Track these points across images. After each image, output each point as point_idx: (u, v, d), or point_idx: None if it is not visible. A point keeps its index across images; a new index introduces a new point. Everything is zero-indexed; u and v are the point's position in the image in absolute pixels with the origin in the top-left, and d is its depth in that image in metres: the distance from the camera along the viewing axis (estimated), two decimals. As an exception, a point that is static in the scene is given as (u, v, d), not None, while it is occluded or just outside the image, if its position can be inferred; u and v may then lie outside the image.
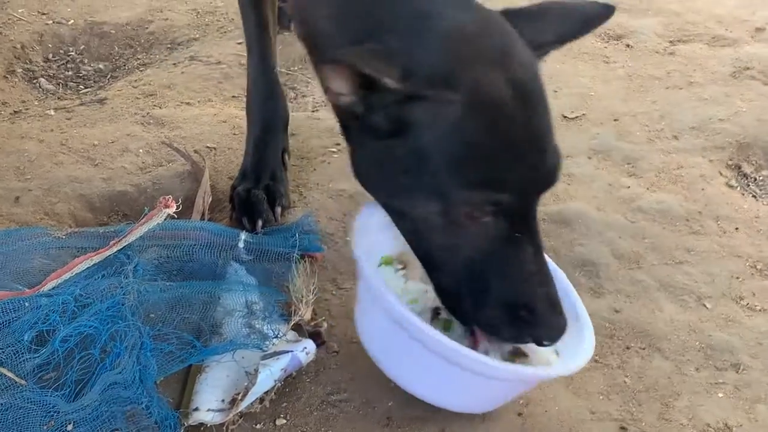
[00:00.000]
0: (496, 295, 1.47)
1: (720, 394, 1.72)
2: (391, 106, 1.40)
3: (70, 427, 1.54)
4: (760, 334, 1.86)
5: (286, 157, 2.24)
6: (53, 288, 1.79)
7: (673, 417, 1.66)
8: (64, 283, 1.81)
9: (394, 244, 1.70)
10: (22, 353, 1.65)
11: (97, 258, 1.85)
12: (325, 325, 1.80)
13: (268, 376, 1.64)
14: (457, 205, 1.42)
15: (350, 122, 1.52)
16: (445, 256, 1.50)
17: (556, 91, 2.72)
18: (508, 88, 1.39)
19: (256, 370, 1.63)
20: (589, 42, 3.04)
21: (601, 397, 1.71)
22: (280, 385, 1.67)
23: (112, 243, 1.88)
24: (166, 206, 1.91)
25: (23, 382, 1.61)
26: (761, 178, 2.39)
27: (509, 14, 1.55)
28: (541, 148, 1.44)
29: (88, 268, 1.84)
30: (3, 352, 1.66)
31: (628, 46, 3.03)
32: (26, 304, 1.73)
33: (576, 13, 1.59)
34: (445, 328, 1.63)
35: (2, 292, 1.76)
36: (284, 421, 1.63)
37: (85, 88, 2.81)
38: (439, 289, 1.57)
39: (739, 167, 2.42)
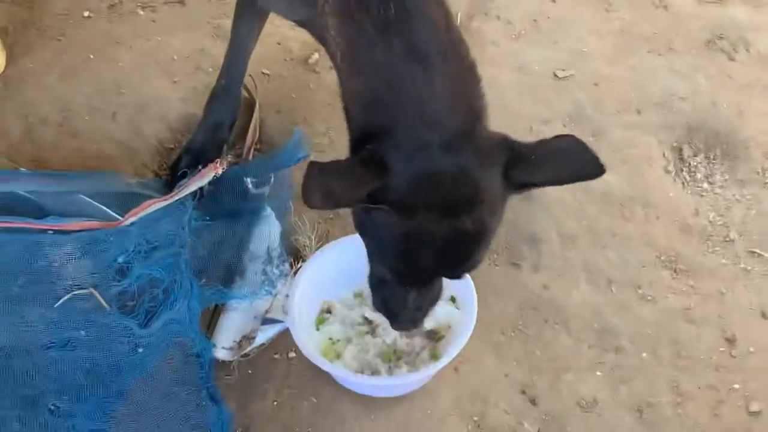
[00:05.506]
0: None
1: (598, 373, 2.22)
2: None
3: (140, 350, 2.18)
4: (643, 323, 2.31)
5: (225, 148, 2.62)
6: (130, 224, 2.37)
7: (557, 387, 2.18)
8: (139, 221, 2.37)
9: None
10: (108, 281, 2.25)
11: (163, 203, 2.42)
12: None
13: (264, 335, 2.28)
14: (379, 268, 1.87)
15: None
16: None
17: (556, 43, 3.09)
18: (437, 230, 1.66)
19: (261, 323, 2.28)
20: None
21: (515, 363, 2.23)
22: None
23: (174, 192, 2.46)
24: (215, 169, 2.49)
25: (108, 306, 2.22)
26: (695, 163, 2.67)
27: (510, 143, 1.69)
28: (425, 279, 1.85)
29: (155, 210, 2.40)
30: (94, 276, 2.25)
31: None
32: (111, 238, 2.31)
33: (571, 165, 1.68)
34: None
35: (93, 222, 2.36)
36: (294, 354, 2.22)
37: (169, -17, 3.11)
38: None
39: (681, 150, 2.73)
